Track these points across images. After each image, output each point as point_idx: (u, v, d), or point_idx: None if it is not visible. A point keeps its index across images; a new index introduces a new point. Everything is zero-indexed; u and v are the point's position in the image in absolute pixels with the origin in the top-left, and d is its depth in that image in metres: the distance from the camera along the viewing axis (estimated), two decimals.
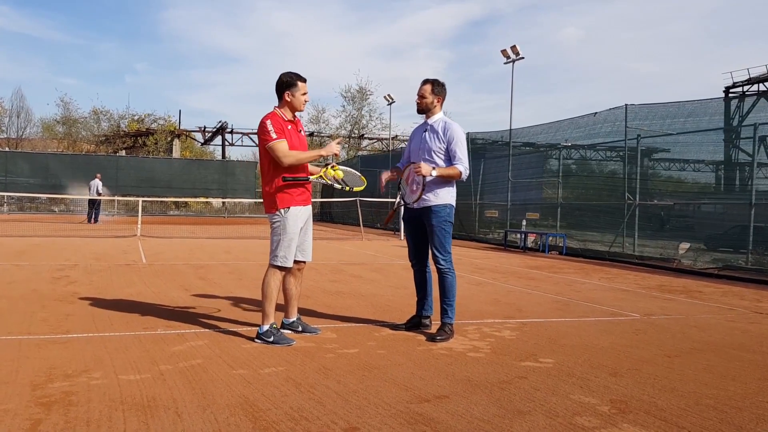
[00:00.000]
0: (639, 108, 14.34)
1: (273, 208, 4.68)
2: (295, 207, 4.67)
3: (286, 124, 4.67)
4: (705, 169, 18.11)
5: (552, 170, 18.37)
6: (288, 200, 4.66)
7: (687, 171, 18.26)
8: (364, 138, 44.14)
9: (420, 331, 5.14)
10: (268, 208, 4.73)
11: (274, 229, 4.70)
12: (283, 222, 4.64)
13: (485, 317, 5.92)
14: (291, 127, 4.71)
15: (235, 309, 5.96)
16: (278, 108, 4.74)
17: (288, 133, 4.64)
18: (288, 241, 4.65)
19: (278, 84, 4.72)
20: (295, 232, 4.68)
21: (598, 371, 4.07)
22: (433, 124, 5.04)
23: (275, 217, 4.68)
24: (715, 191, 16.99)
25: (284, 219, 4.64)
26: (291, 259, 4.68)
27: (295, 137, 4.72)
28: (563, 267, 11.29)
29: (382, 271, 9.64)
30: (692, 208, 15.55)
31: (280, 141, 4.56)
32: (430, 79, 5.06)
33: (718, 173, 17.88)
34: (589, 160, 19.66)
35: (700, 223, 15.03)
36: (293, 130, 4.72)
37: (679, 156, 16.56)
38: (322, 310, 6.06)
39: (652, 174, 18.32)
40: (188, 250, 12.56)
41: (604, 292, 8.06)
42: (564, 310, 6.48)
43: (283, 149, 4.56)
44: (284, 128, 4.61)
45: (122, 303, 6.15)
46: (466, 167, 4.93)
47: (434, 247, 4.98)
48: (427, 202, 4.95)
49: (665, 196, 15.30)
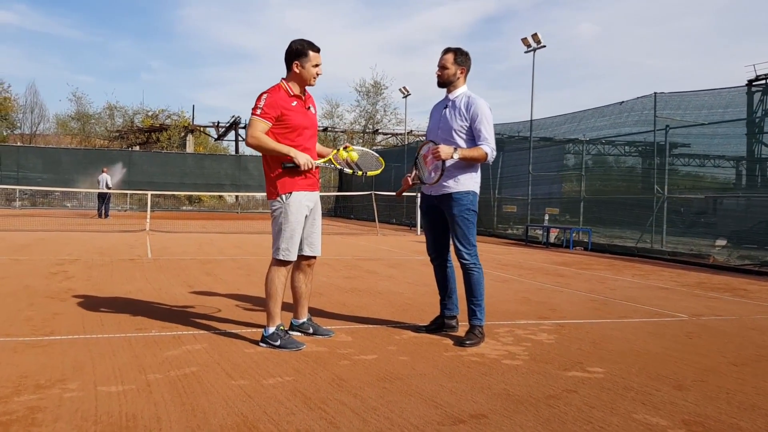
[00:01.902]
0: (669, 97, 13.63)
1: (273, 193, 4.11)
2: (298, 192, 4.09)
3: (290, 100, 4.07)
4: (725, 164, 17.39)
5: (573, 163, 17.70)
6: (290, 184, 4.08)
7: (707, 167, 17.53)
8: (379, 133, 43.52)
9: (445, 334, 4.57)
10: (269, 194, 4.17)
11: (274, 218, 4.13)
12: (284, 209, 4.07)
13: (517, 318, 5.33)
14: (297, 104, 4.10)
15: (240, 308, 5.42)
16: (285, 80, 4.15)
17: (290, 111, 4.04)
18: (290, 232, 4.08)
19: (287, 52, 4.12)
20: (299, 221, 4.11)
21: (659, 383, 3.47)
22: (455, 100, 4.41)
23: (276, 204, 4.11)
24: (735, 187, 16.25)
25: (285, 206, 4.07)
26: (294, 251, 4.12)
27: (301, 115, 4.12)
28: (591, 263, 10.64)
29: (399, 267, 9.07)
30: (718, 202, 14.81)
31: (260, 119, 3.97)
32: (452, 48, 4.44)
33: (738, 168, 17.17)
34: (612, 154, 18.94)
35: (723, 218, 14.31)
36: (299, 107, 4.12)
37: (699, 151, 15.86)
38: (335, 309, 5.50)
39: (671, 170, 17.61)
40: (197, 245, 12.07)
41: (641, 290, 7.43)
42: (602, 310, 5.87)
43: (256, 128, 3.96)
44: (284, 106, 4.01)
45: (118, 301, 5.63)
46: (492, 148, 4.32)
47: (457, 240, 4.38)
48: (447, 189, 4.35)
49: (684, 191, 14.60)
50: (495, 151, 4.32)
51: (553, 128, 16.89)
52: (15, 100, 46.04)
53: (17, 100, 46.10)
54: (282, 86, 4.11)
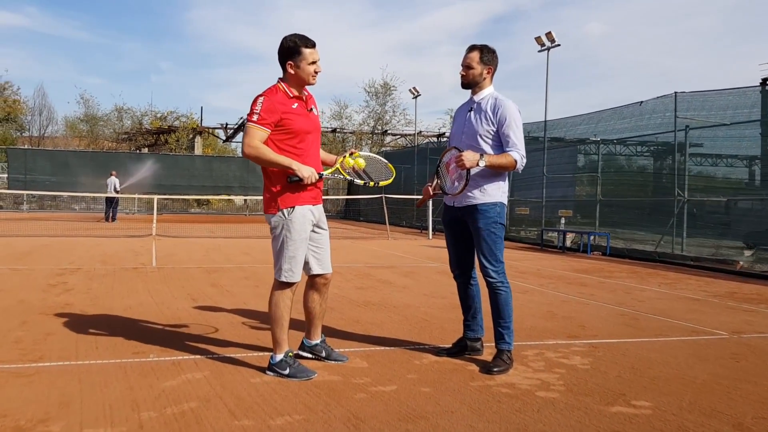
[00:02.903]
0: (691, 96, 13.17)
1: (273, 208, 3.71)
2: (301, 207, 3.70)
3: (290, 102, 3.67)
4: (739, 164, 16.89)
5: (589, 164, 17.23)
6: (292, 198, 3.69)
7: (719, 166, 17.04)
8: (388, 134, 43.12)
9: (469, 358, 4.18)
10: (267, 207, 3.76)
11: (275, 236, 3.74)
12: (286, 226, 3.68)
13: (545, 337, 4.93)
14: (298, 106, 3.70)
15: (247, 325, 5.05)
16: (282, 81, 3.75)
17: (290, 114, 3.64)
18: (293, 250, 3.70)
19: (279, 52, 3.70)
20: (302, 239, 3.72)
21: (716, 422, 3.07)
22: (481, 102, 4.02)
23: (276, 219, 3.71)
24: (747, 187, 15.73)
25: (288, 222, 3.68)
26: (298, 272, 3.74)
27: (303, 118, 3.71)
28: (613, 270, 10.21)
29: (413, 276, 8.68)
30: (732, 204, 14.30)
31: (257, 127, 3.58)
32: (477, 45, 4.04)
33: (751, 168, 16.68)
34: (624, 155, 18.46)
35: (736, 220, 13.82)
36: (300, 110, 3.71)
37: (712, 151, 15.37)
38: (348, 326, 5.13)
39: (690, 172, 17.14)
40: (204, 251, 11.73)
41: (670, 301, 7.01)
42: (634, 327, 5.46)
43: (253, 137, 3.57)
44: (283, 109, 3.61)
45: (116, 318, 5.28)
46: (522, 155, 3.92)
47: (482, 256, 3.98)
48: (471, 200, 3.97)
49: (704, 193, 14.13)
50: (525, 159, 3.93)
51: (568, 129, 16.42)
52: (24, 103, 46.08)
53: (26, 102, 46.14)
54: (280, 87, 3.71)
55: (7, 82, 43.46)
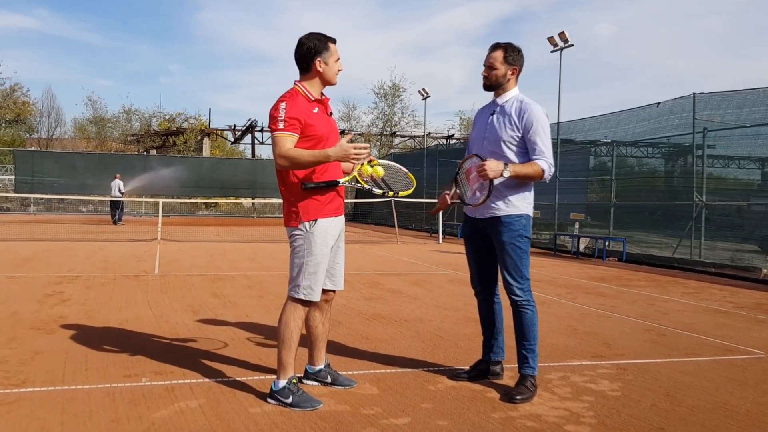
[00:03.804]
0: (710, 97, 12.76)
1: (295, 220, 3.42)
2: (324, 219, 3.40)
3: (311, 106, 3.39)
4: (751, 165, 16.45)
5: (599, 166, 16.82)
6: (314, 210, 3.39)
7: (731, 168, 16.59)
8: (396, 136, 42.81)
9: (489, 382, 3.84)
10: (288, 219, 3.47)
11: (295, 250, 3.44)
12: (307, 240, 3.38)
13: (568, 357, 4.58)
14: (318, 110, 3.43)
15: (250, 342, 4.74)
16: (301, 83, 3.46)
17: (313, 119, 3.36)
18: (314, 266, 3.39)
19: (302, 51, 3.42)
20: (324, 254, 3.42)
21: None
22: (504, 105, 3.69)
23: (297, 232, 3.42)
24: (760, 189, 15.28)
25: (309, 236, 3.38)
26: (318, 290, 3.42)
27: (324, 122, 3.44)
28: (631, 278, 9.83)
29: (423, 284, 8.35)
30: (745, 207, 13.86)
31: (285, 134, 3.27)
32: (501, 44, 3.70)
33: (765, 170, 16.22)
34: (636, 156, 18.04)
35: (750, 224, 13.37)
36: (321, 114, 3.44)
37: (723, 152, 14.92)
38: (357, 343, 4.80)
39: (702, 173, 16.69)
40: (208, 256, 11.44)
41: (696, 314, 6.64)
42: (663, 344, 5.11)
43: (283, 145, 3.27)
44: (306, 114, 3.33)
45: (111, 333, 4.98)
46: (550, 164, 3.58)
47: (506, 272, 3.65)
48: (495, 212, 3.63)
49: (724, 197, 13.70)
50: (553, 167, 3.58)
51: (586, 132, 16.02)
52: (33, 104, 46.11)
53: (36, 104, 46.16)
54: (299, 91, 3.42)
55: (17, 83, 43.50)
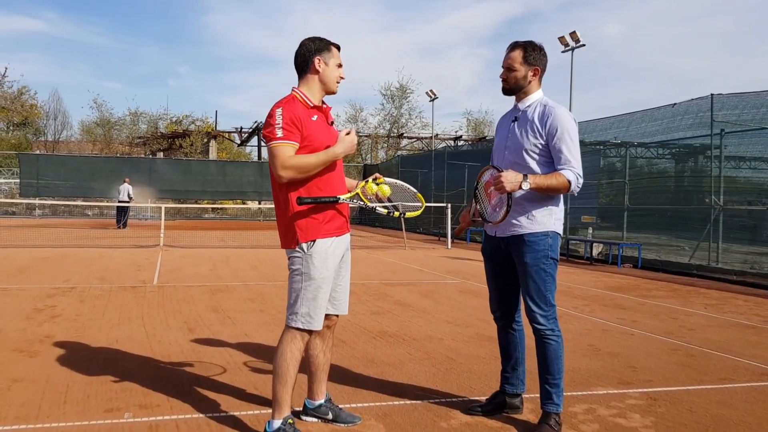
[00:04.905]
0: (727, 98, 12.33)
1: (292, 242, 3.06)
2: (324, 240, 3.04)
3: (309, 113, 3.04)
4: (763, 166, 15.98)
5: (608, 167, 16.38)
6: (314, 229, 3.03)
7: (743, 169, 16.11)
8: (404, 137, 42.47)
9: (507, 417, 3.48)
10: (285, 241, 3.12)
11: (292, 274, 3.08)
12: (306, 263, 3.02)
13: (593, 383, 4.20)
14: (318, 119, 3.07)
15: (245, 369, 4.38)
16: (299, 89, 3.12)
17: (312, 128, 3.01)
18: (314, 291, 3.03)
19: (303, 52, 3.10)
20: (325, 278, 3.05)
21: None
22: (527, 110, 3.31)
23: (295, 255, 3.06)
24: None
25: (307, 258, 3.02)
26: (319, 318, 3.07)
27: (324, 132, 3.08)
28: (649, 287, 9.43)
29: (433, 296, 7.98)
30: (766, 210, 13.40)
31: (284, 143, 2.93)
32: (520, 43, 3.31)
33: None
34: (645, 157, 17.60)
35: (763, 227, 12.92)
36: (321, 123, 3.09)
37: (735, 153, 14.49)
38: (362, 367, 4.44)
39: (720, 175, 16.24)
40: (211, 264, 11.11)
41: (724, 330, 6.24)
42: (693, 367, 4.72)
43: (283, 156, 2.92)
44: (303, 121, 2.98)
45: (97, 356, 4.64)
46: (578, 174, 3.18)
47: (529, 297, 3.26)
48: (517, 229, 3.26)
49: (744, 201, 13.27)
50: (582, 178, 3.20)
51: (598, 132, 15.61)
52: (41, 107, 46.10)
53: (43, 107, 46.15)
54: (297, 96, 3.07)
55: (24, 86, 43.50)
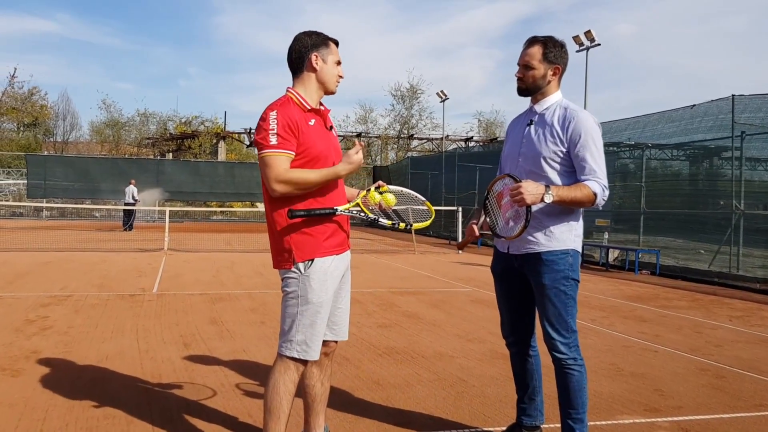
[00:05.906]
0: (749, 99, 11.90)
1: (286, 261, 2.73)
2: (322, 259, 2.71)
3: (306, 117, 2.70)
4: None
5: (621, 169, 15.97)
6: (312, 246, 2.70)
7: (758, 170, 15.65)
8: (414, 138, 42.12)
9: None
10: (278, 260, 2.78)
11: (287, 297, 2.75)
12: (302, 285, 2.69)
13: (618, 412, 3.85)
14: (316, 123, 2.74)
15: (239, 392, 4.06)
16: (294, 90, 2.78)
17: (309, 134, 2.68)
18: (311, 317, 2.70)
19: (297, 47, 2.77)
20: (323, 302, 2.73)
21: None
22: (545, 113, 2.97)
23: (290, 275, 2.73)
24: None
25: (305, 280, 2.69)
26: (316, 346, 2.74)
27: (322, 138, 2.75)
28: (670, 297, 9.03)
29: (443, 306, 7.63)
30: None
31: (279, 153, 2.61)
32: (539, 38, 2.96)
33: None
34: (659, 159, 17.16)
35: None
36: (319, 127, 2.76)
37: (748, 154, 14.04)
38: (366, 391, 4.11)
39: (719, 175, 15.80)
40: (214, 270, 10.82)
41: (753, 346, 5.85)
42: (724, 391, 4.35)
43: (278, 167, 2.60)
44: (300, 126, 2.65)
45: (84, 375, 4.33)
46: (603, 185, 2.85)
47: (547, 322, 2.91)
48: (533, 247, 2.91)
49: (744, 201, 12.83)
50: (608, 190, 2.86)
51: (613, 134, 15.20)
52: (51, 108, 46.13)
53: (53, 107, 46.18)
54: (292, 98, 2.74)
55: (35, 87, 43.52)
